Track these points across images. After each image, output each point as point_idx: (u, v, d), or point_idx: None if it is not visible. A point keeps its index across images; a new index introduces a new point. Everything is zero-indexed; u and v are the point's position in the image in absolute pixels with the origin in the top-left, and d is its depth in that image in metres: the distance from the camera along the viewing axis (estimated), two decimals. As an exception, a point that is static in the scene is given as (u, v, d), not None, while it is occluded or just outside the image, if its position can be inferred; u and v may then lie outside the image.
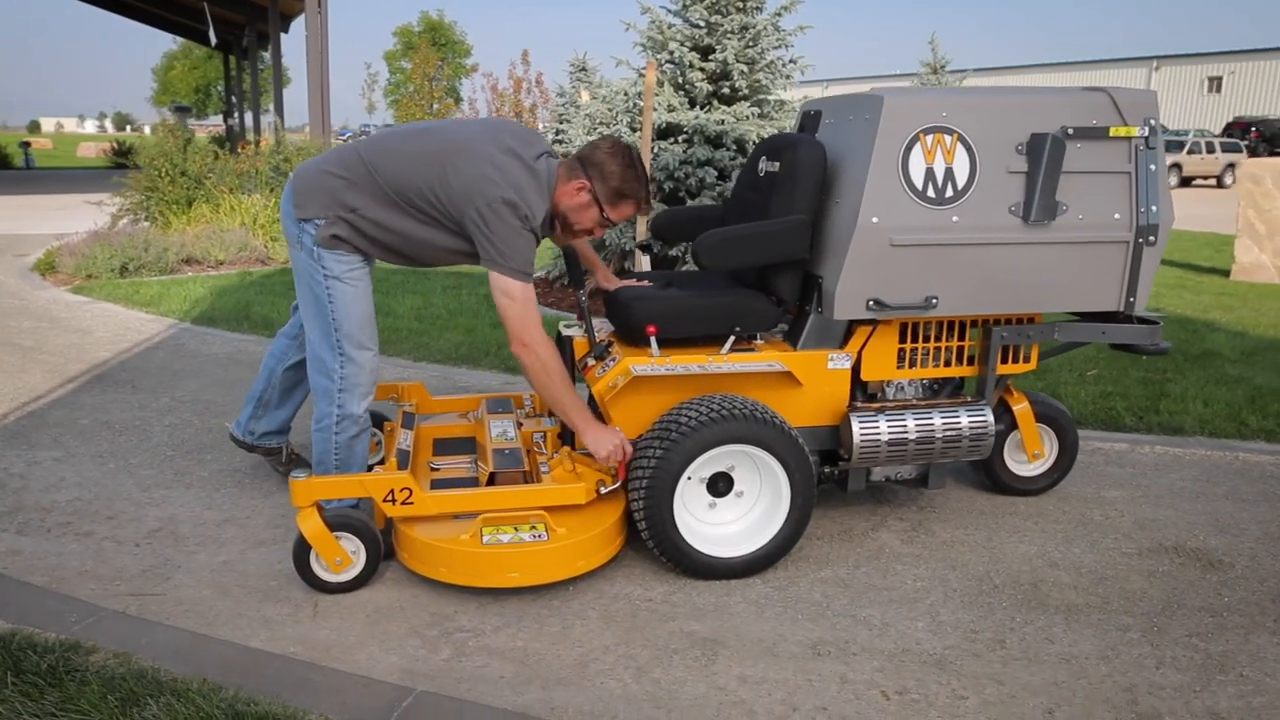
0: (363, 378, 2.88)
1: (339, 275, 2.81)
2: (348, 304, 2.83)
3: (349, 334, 2.84)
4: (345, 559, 2.69)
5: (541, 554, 2.63)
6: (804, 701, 2.27)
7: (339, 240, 2.78)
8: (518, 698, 2.26)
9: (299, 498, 2.65)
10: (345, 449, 2.91)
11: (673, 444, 2.70)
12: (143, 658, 2.36)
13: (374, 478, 2.69)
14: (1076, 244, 2.94)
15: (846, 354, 3.01)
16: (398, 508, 2.70)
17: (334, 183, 2.77)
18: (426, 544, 2.65)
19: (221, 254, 8.03)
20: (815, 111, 3.33)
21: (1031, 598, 2.78)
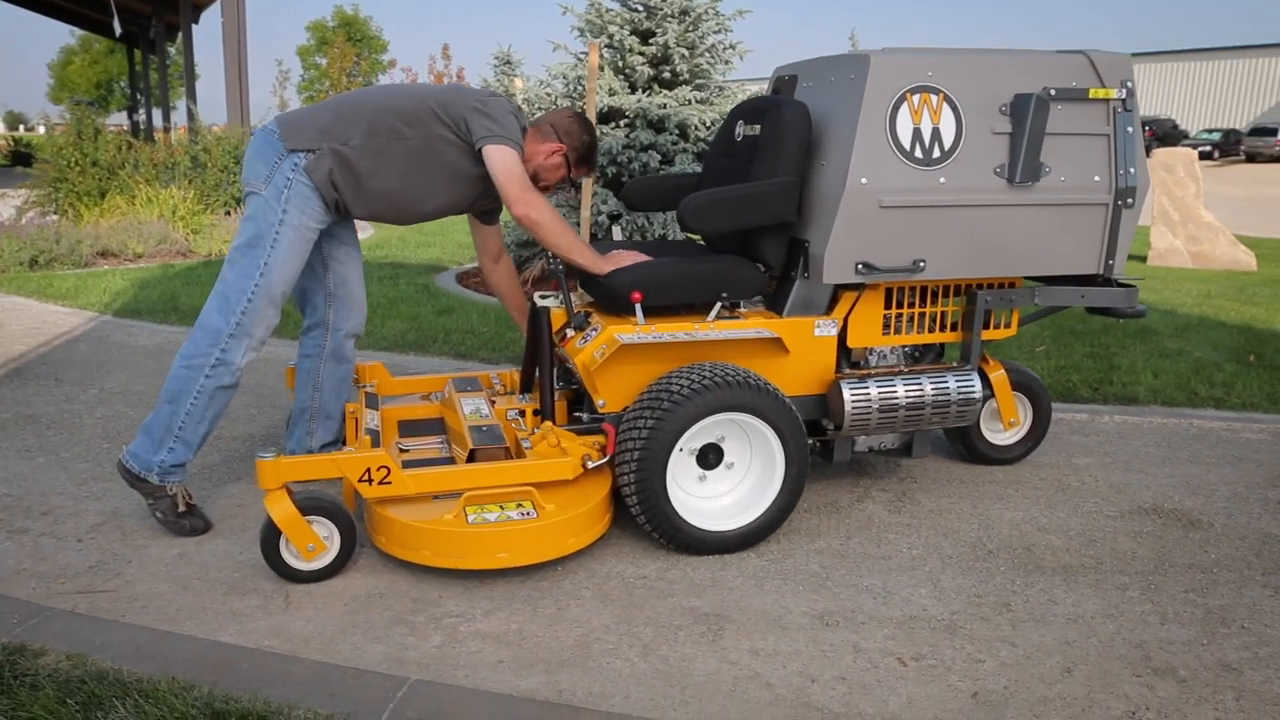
0: (258, 330, 2.73)
1: (295, 224, 2.71)
2: (285, 257, 2.71)
3: (269, 286, 2.71)
4: (318, 545, 2.50)
5: (531, 532, 2.49)
6: (821, 672, 2.18)
7: (323, 176, 2.69)
8: (520, 682, 2.11)
9: (267, 479, 2.45)
10: (207, 396, 2.71)
11: (665, 413, 2.59)
12: (100, 658, 2.14)
13: (349, 457, 2.51)
14: (1058, 206, 2.94)
15: (833, 320, 2.95)
16: (375, 488, 2.52)
17: (326, 119, 2.75)
18: (407, 526, 2.48)
19: (139, 246, 7.59)
20: (790, 76, 3.26)
21: (1027, 561, 2.76)
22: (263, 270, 2.68)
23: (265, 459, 2.43)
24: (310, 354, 3.07)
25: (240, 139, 9.62)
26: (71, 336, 5.13)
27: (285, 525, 2.45)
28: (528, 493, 2.58)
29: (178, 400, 2.71)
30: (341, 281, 3.04)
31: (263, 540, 2.47)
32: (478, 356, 4.92)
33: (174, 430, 2.73)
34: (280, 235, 2.68)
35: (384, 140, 2.73)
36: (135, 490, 2.81)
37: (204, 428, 2.76)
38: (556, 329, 2.99)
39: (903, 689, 2.12)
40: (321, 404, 3.08)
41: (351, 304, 3.07)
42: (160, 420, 2.74)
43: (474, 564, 2.47)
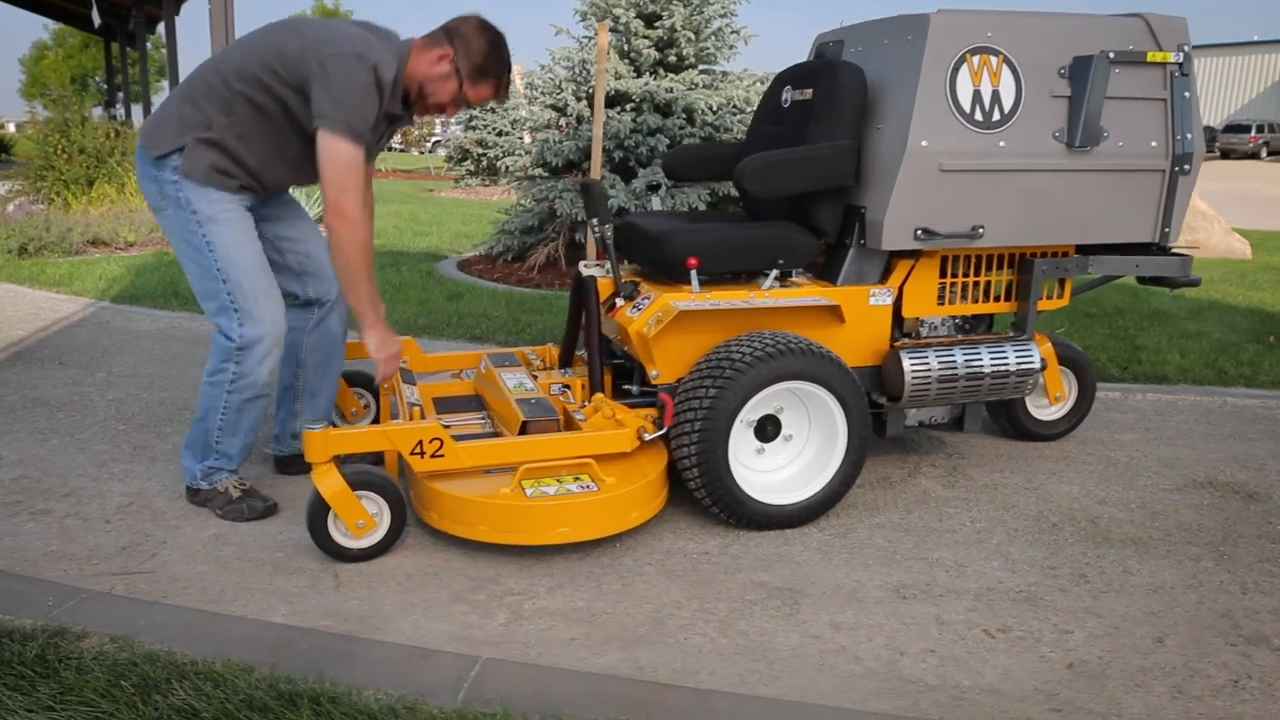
0: (265, 335, 2.52)
1: (213, 215, 2.47)
2: (230, 249, 2.49)
3: (240, 285, 2.49)
4: (368, 521, 2.37)
5: (594, 505, 2.38)
6: (908, 645, 2.09)
7: (204, 170, 2.45)
8: (598, 659, 2.01)
9: (315, 452, 2.32)
10: (235, 411, 2.58)
11: (727, 381, 2.49)
12: (147, 640, 2.01)
13: (400, 429, 2.39)
14: (1116, 172, 2.87)
15: (888, 289, 2.86)
16: (427, 461, 2.40)
17: (180, 108, 2.47)
18: (464, 501, 2.37)
19: (131, 235, 7.39)
20: (835, 42, 3.17)
21: (1094, 534, 2.69)
22: (222, 276, 2.48)
23: (313, 431, 2.31)
24: (296, 326, 2.85)
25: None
26: (71, 322, 4.95)
27: (334, 501, 2.32)
28: (587, 465, 2.47)
29: (207, 417, 2.60)
30: (305, 255, 2.78)
31: (310, 517, 2.35)
32: (493, 340, 4.80)
33: (211, 445, 2.62)
34: (208, 234, 2.47)
35: (242, 117, 2.44)
36: (197, 504, 2.70)
37: (239, 440, 2.64)
38: (604, 298, 2.88)
39: (995, 660, 2.04)
40: (306, 381, 2.88)
41: (324, 273, 2.81)
42: (197, 436, 2.64)
43: (534, 539, 2.36)
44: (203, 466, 2.65)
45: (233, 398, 2.57)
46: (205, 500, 2.67)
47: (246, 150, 2.48)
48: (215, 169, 2.46)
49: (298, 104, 2.42)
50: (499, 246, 7.27)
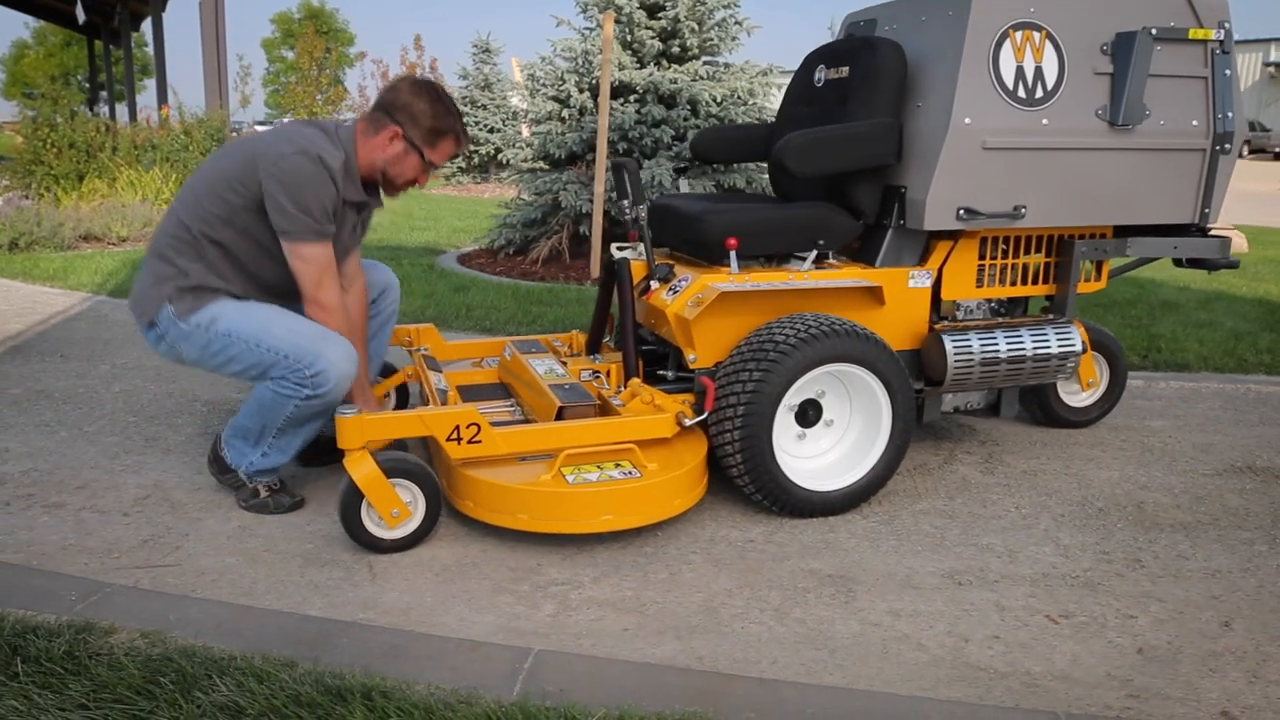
0: (332, 370, 2.36)
1: (214, 316, 2.40)
2: (244, 322, 2.39)
3: (275, 336, 2.36)
4: (402, 510, 2.28)
5: (637, 492, 2.30)
6: (971, 632, 2.02)
7: (192, 303, 2.41)
8: (654, 649, 1.92)
9: (349, 438, 2.23)
10: (301, 419, 2.44)
11: (772, 364, 2.41)
12: (179, 635, 1.91)
13: (436, 414, 2.30)
14: (1157, 151, 2.81)
15: (927, 271, 2.80)
16: (464, 447, 2.31)
17: (153, 268, 2.44)
18: (504, 489, 2.28)
19: (124, 230, 7.24)
20: (867, 20, 3.11)
21: (1141, 518, 2.63)
22: (254, 342, 2.37)
23: (346, 416, 2.22)
24: None
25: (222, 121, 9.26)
26: (68, 315, 4.82)
27: (368, 488, 2.23)
28: (629, 451, 2.39)
29: (268, 417, 2.45)
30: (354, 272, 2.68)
31: (343, 505, 2.26)
32: (504, 331, 4.71)
33: (270, 435, 2.49)
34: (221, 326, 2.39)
35: (215, 259, 2.40)
36: (220, 482, 2.61)
37: (298, 441, 2.52)
38: (637, 281, 2.80)
39: (1063, 646, 1.97)
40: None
41: (374, 276, 2.82)
42: (252, 427, 2.49)
43: (576, 527, 2.28)
44: (251, 464, 2.52)
45: (301, 410, 2.42)
46: (233, 484, 2.56)
47: (231, 285, 2.44)
48: (205, 294, 2.41)
49: (261, 220, 2.37)
50: (500, 240, 7.17)
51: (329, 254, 2.39)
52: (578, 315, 4.91)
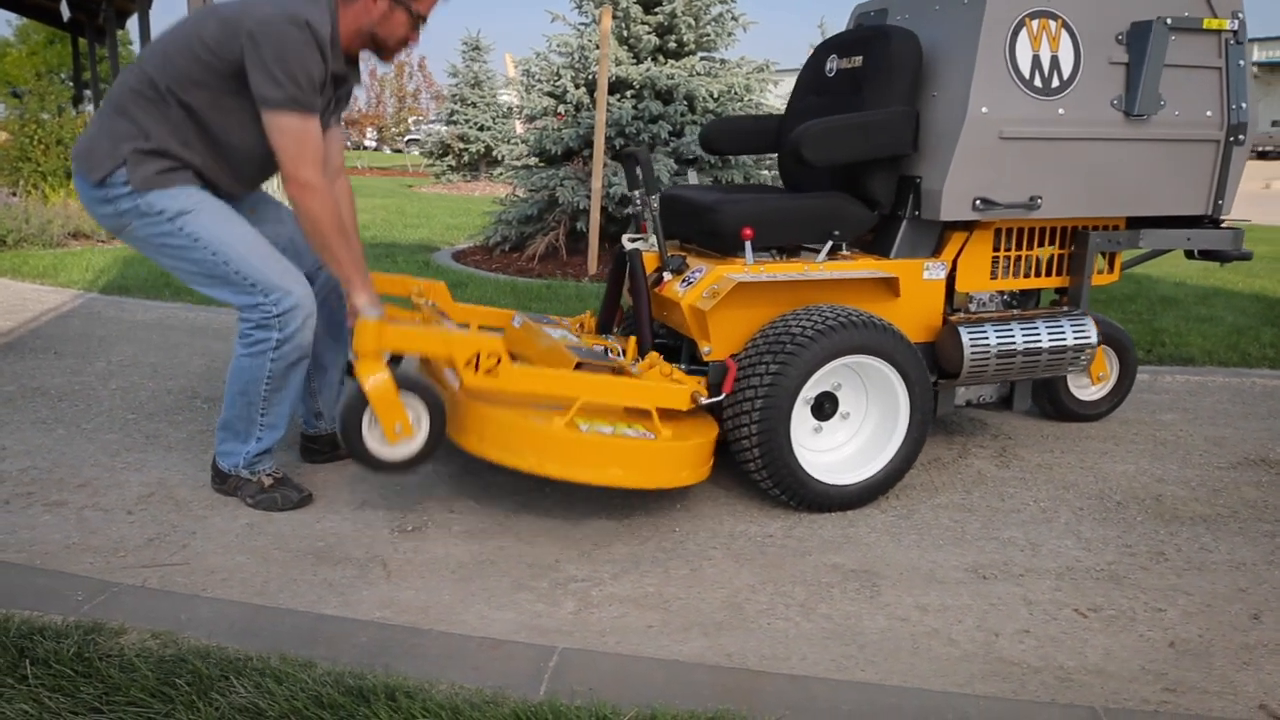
0: (299, 302, 2.32)
1: (183, 208, 2.26)
2: (218, 229, 2.28)
3: (247, 259, 2.28)
4: (406, 427, 2.17)
5: (649, 451, 2.25)
6: (1000, 626, 1.99)
7: (154, 176, 2.24)
8: (681, 647, 1.88)
9: (366, 341, 2.13)
10: (280, 377, 2.39)
11: (790, 356, 2.38)
12: (192, 635, 1.85)
13: (460, 336, 2.23)
14: (1172, 142, 2.80)
15: (941, 263, 2.77)
16: (480, 375, 2.23)
17: (110, 124, 2.27)
18: (514, 426, 2.20)
19: (113, 227, 7.13)
20: (878, 10, 3.08)
21: (1161, 511, 2.61)
22: (223, 259, 2.27)
23: (369, 320, 2.13)
24: None
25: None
26: (60, 312, 4.73)
27: (376, 398, 2.12)
28: (645, 416, 2.34)
29: (248, 390, 2.40)
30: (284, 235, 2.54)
31: (345, 414, 2.13)
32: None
33: (256, 420, 2.44)
34: (186, 225, 2.26)
35: (180, 122, 2.24)
36: (224, 493, 2.53)
37: (286, 407, 2.46)
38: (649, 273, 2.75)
39: (1095, 640, 1.94)
40: (316, 355, 2.65)
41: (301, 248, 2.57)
42: (238, 414, 2.44)
43: (583, 474, 2.20)
44: (247, 453, 2.47)
45: (277, 364, 2.37)
46: (235, 489, 2.51)
47: (193, 155, 2.28)
48: (167, 170, 2.25)
49: (236, 89, 2.20)
50: (496, 237, 7.11)
51: (314, 129, 2.20)
52: (577, 311, 4.86)
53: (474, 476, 2.74)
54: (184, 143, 2.26)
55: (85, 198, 2.34)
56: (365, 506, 2.52)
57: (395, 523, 2.42)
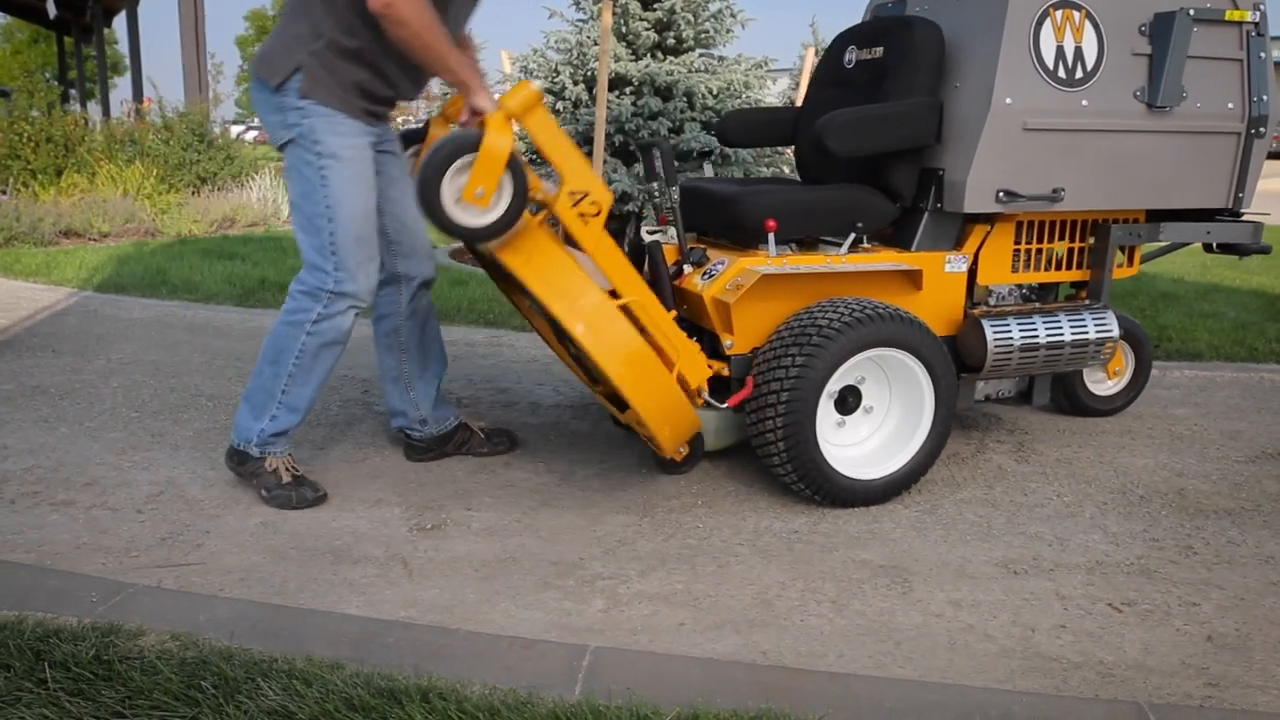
0: (359, 280, 2.37)
1: (334, 151, 2.31)
2: (344, 189, 2.32)
3: (345, 230, 2.33)
4: (485, 199, 2.06)
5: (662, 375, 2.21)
6: (1036, 621, 1.96)
7: (327, 89, 2.28)
8: (714, 645, 1.84)
9: (518, 101, 2.07)
10: (311, 355, 2.39)
11: (816, 349, 2.34)
12: (213, 637, 1.80)
13: (587, 169, 2.21)
14: (1194, 134, 2.77)
15: (963, 256, 2.74)
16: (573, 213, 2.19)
17: (286, 29, 2.33)
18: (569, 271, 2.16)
19: (105, 225, 7.04)
20: (895, 1, 3.04)
21: (1184, 505, 2.59)
22: (329, 214, 2.31)
23: (535, 86, 2.11)
24: (386, 314, 2.68)
25: (203, 115, 9.06)
26: (55, 311, 4.65)
27: (488, 155, 2.03)
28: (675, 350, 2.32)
29: (279, 360, 2.38)
30: (401, 225, 2.62)
31: (435, 163, 2.03)
32: (509, 325, 4.61)
33: (276, 395, 2.40)
34: (326, 170, 2.30)
35: (344, 7, 2.23)
36: (239, 475, 2.49)
37: (309, 390, 2.43)
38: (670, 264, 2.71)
39: (1131, 635, 1.92)
40: (413, 367, 2.71)
41: (418, 247, 2.67)
42: (261, 385, 2.41)
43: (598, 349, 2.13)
44: (260, 430, 2.42)
45: (312, 340, 2.37)
46: (252, 473, 2.45)
47: (353, 35, 2.26)
48: (338, 85, 2.29)
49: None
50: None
51: None
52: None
53: (489, 474, 2.69)
54: (348, 31, 2.25)
55: (260, 103, 2.38)
56: (381, 504, 2.47)
57: (413, 520, 2.37)
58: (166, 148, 8.53)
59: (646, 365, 2.18)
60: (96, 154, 7.93)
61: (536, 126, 2.14)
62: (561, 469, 2.74)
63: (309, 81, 2.27)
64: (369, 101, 2.38)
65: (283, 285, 5.29)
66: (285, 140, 2.35)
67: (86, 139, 8.03)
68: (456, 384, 3.54)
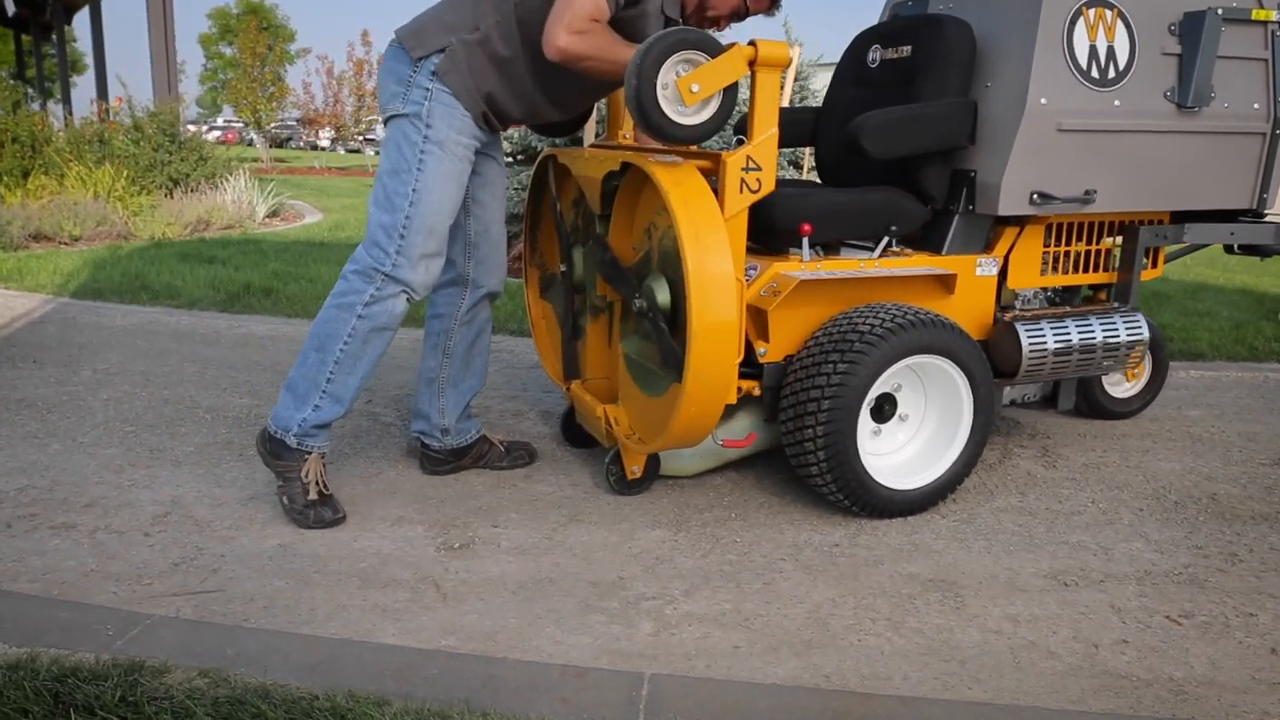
0: (419, 271, 2.29)
1: (442, 140, 2.26)
2: (436, 180, 2.26)
3: (422, 220, 2.25)
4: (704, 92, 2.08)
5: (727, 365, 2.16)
6: (1097, 636, 1.90)
7: (460, 77, 2.25)
8: (774, 669, 1.76)
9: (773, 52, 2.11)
10: (360, 340, 2.29)
11: (858, 355, 2.27)
12: (245, 672, 1.69)
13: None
14: (1221, 135, 2.75)
15: (994, 259, 2.69)
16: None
17: (446, 11, 2.29)
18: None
19: (76, 229, 6.82)
20: (915, 0, 2.99)
21: (1221, 511, 2.55)
22: (412, 199, 2.24)
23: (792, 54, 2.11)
24: (442, 314, 2.59)
25: (174, 114, 8.82)
26: (32, 319, 4.47)
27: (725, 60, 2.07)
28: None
29: (325, 347, 2.28)
30: (484, 230, 2.55)
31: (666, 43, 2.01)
32: (506, 329, 4.51)
33: (321, 383, 2.28)
34: (426, 155, 2.24)
35: (508, 16, 2.23)
36: (269, 466, 2.36)
37: (355, 379, 2.32)
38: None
39: (1196, 649, 1.87)
40: (452, 373, 2.62)
41: (494, 257, 2.59)
42: (305, 373, 2.30)
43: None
44: (301, 419, 2.30)
45: (363, 324, 2.27)
46: (283, 473, 2.32)
47: (507, 44, 2.25)
48: (474, 81, 2.26)
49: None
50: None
51: (600, 7, 2.11)
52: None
53: (511, 488, 2.59)
54: (505, 38, 2.25)
55: (392, 68, 2.31)
56: (402, 522, 2.36)
57: (439, 539, 2.27)
58: (137, 148, 8.29)
59: (725, 346, 2.13)
60: (65, 155, 7.67)
61: (766, 83, 2.15)
62: (585, 481, 2.65)
63: (448, 64, 2.23)
64: (493, 110, 2.34)
65: (267, 290, 5.14)
66: (397, 113, 2.28)
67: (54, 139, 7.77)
68: (463, 392, 3.43)
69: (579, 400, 2.76)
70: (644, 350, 2.45)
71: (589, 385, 2.80)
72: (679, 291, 2.19)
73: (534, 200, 3.04)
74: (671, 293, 2.26)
